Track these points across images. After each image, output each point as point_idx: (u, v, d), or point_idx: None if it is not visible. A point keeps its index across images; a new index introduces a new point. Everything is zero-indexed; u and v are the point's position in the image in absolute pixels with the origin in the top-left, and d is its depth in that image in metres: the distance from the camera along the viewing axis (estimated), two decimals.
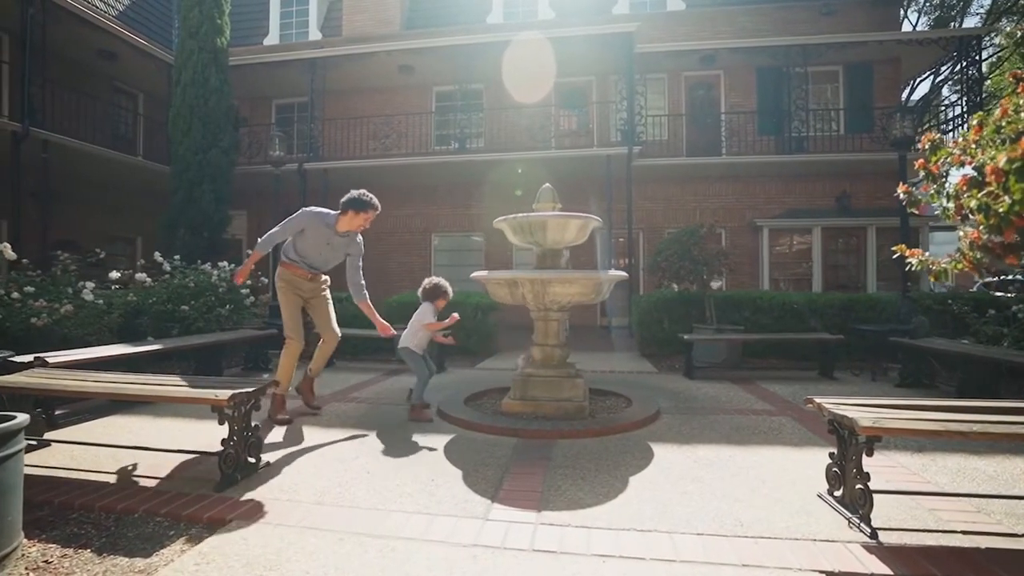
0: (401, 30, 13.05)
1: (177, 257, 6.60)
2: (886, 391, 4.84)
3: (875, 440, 2.14)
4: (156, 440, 3.40)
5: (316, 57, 11.04)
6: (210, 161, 9.22)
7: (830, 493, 2.39)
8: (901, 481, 2.66)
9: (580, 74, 11.84)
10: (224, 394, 2.55)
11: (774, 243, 10.83)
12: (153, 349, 4.33)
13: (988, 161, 1.16)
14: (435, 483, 2.66)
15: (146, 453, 3.04)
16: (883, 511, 2.28)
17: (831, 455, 2.40)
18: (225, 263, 6.65)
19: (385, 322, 4.08)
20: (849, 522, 2.17)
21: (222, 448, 2.62)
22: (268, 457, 3.03)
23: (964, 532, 2.11)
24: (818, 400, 2.45)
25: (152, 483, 2.66)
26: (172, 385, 2.82)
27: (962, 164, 1.61)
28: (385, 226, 12.74)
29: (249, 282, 6.81)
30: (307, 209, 3.89)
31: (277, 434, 3.54)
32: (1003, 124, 1.44)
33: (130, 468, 2.86)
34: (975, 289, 13.32)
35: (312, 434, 3.55)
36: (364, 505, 2.41)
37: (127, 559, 1.97)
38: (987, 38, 16.57)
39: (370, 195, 3.82)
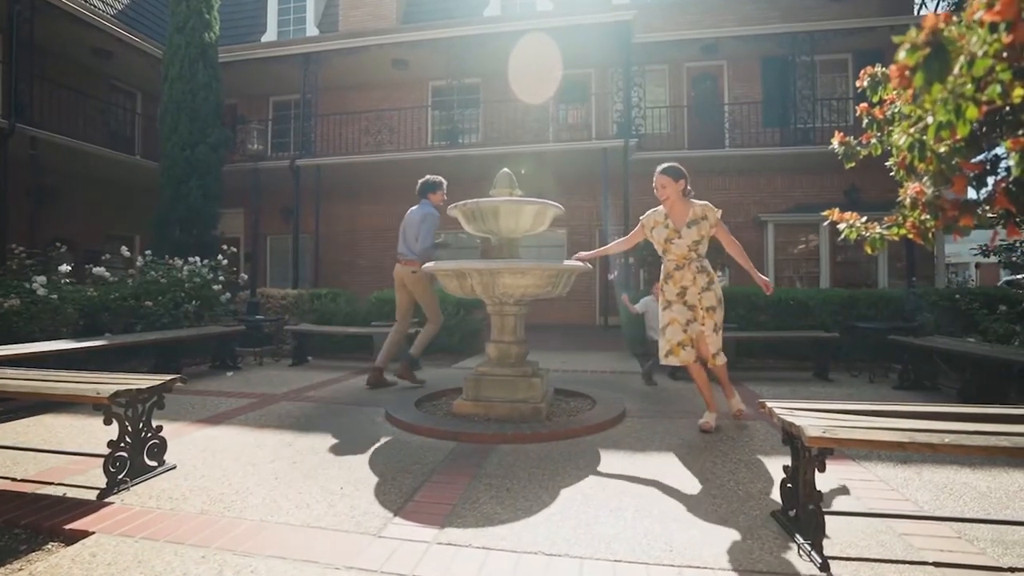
0: (398, 25, 12.86)
1: (148, 252, 6.45)
2: (882, 394, 4.41)
3: (827, 452, 1.79)
4: (77, 441, 3.19)
5: (308, 52, 10.89)
6: (198, 157, 9.10)
7: (784, 513, 2.05)
8: (875, 498, 2.29)
9: (579, 67, 11.50)
10: (107, 390, 2.31)
11: (780, 239, 10.35)
12: (94, 345, 4.14)
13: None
14: (342, 492, 2.38)
15: (49, 456, 2.82)
16: (845, 535, 1.94)
17: (785, 468, 2.06)
18: (196, 258, 6.48)
19: None
20: (799, 549, 1.83)
21: (109, 450, 2.38)
22: (180, 459, 2.80)
23: (936, 564, 1.75)
24: (770, 404, 2.11)
25: (36, 488, 2.42)
26: (66, 381, 2.59)
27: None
28: (381, 223, 12.57)
29: (222, 278, 6.66)
30: (435, 210, 4.76)
31: (201, 435, 3.30)
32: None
33: (20, 472, 2.64)
34: (1000, 285, 12.60)
35: (240, 434, 3.31)
36: (252, 516, 2.14)
37: None
38: None
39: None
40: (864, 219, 1.36)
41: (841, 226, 1.40)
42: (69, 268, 4.93)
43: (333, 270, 12.43)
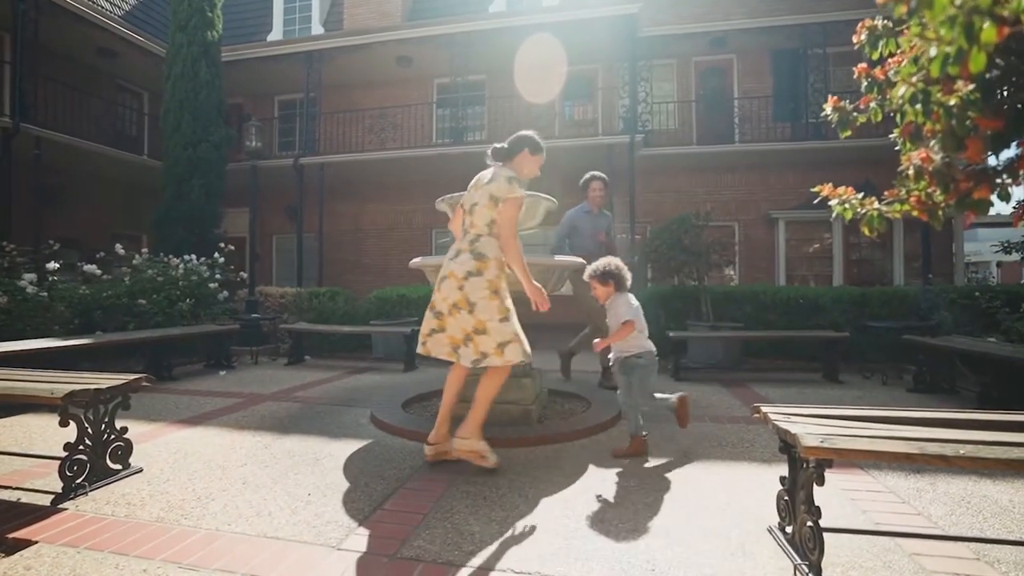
0: (402, 22, 12.77)
1: (144, 250, 6.39)
2: (895, 397, 4.17)
3: (826, 464, 1.61)
4: (49, 442, 3.09)
5: (312, 50, 10.84)
6: (200, 156, 9.06)
7: (781, 528, 1.87)
8: (883, 512, 2.10)
9: (585, 62, 11.30)
10: (61, 390, 2.20)
11: (791, 236, 10.07)
12: (79, 344, 4.06)
13: None
14: (308, 498, 2.24)
15: (14, 458, 2.73)
16: (848, 555, 1.75)
17: (782, 479, 1.87)
18: (192, 256, 6.41)
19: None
20: (796, 571, 1.65)
21: (66, 453, 2.27)
22: (148, 462, 2.68)
23: None
24: (765, 409, 1.92)
25: None
26: (22, 381, 2.48)
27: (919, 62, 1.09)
28: (385, 222, 12.49)
29: (219, 276, 6.59)
30: (579, 210, 4.81)
31: (177, 436, 3.19)
32: None
33: None
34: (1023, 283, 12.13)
35: (217, 436, 3.19)
36: (208, 525, 2.01)
37: None
38: None
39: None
40: (861, 194, 1.18)
41: (833, 202, 1.22)
42: (57, 265, 4.87)
43: (337, 269, 12.36)
